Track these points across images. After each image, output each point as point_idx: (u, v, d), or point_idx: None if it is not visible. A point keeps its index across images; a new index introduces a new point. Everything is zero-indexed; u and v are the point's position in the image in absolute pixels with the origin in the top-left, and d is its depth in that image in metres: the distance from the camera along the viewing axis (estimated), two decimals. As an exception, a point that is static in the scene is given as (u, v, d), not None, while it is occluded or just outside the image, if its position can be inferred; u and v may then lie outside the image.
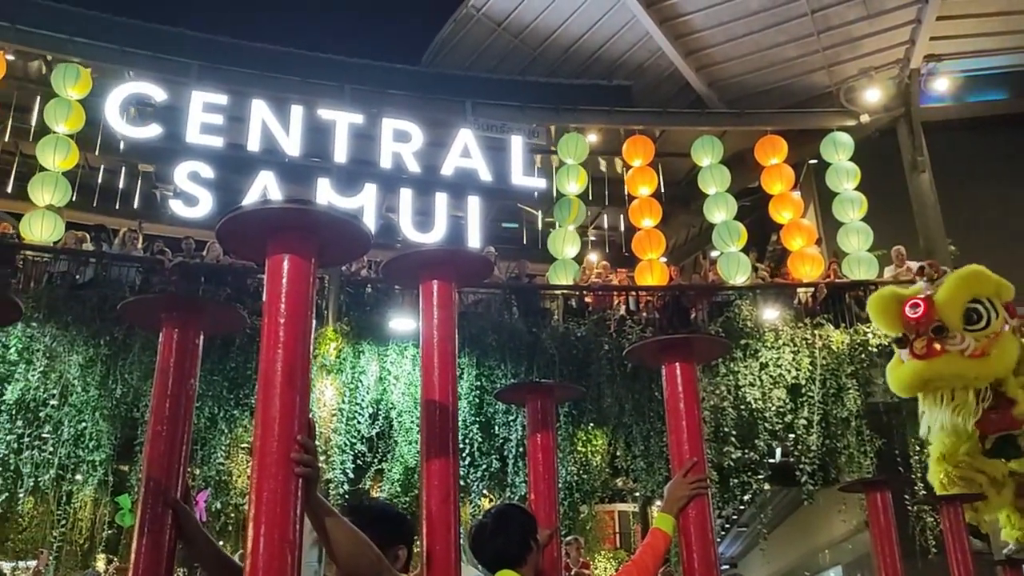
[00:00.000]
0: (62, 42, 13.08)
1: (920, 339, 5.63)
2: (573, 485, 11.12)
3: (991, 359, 5.54)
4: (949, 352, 5.56)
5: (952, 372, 5.59)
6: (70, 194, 12.74)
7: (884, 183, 14.83)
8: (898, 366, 6.06)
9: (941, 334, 5.59)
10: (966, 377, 5.59)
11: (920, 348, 5.61)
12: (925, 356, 5.61)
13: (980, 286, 5.74)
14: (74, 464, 10.16)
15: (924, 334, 5.64)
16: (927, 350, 5.58)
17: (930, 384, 5.76)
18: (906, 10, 14.63)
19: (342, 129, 13.68)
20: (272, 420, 1.66)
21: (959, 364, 5.55)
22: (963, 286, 5.78)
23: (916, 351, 5.65)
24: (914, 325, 5.75)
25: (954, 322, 5.64)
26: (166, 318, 2.19)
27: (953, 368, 5.57)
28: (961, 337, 5.56)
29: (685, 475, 2.56)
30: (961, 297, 5.71)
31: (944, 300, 5.71)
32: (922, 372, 5.70)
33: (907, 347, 5.78)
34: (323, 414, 10.67)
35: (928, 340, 5.57)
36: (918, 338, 5.67)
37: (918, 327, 5.71)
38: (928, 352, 5.58)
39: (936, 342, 5.57)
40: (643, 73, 16.65)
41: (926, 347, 5.58)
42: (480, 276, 2.59)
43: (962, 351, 5.54)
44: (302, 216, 1.75)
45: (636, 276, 14.25)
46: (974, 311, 5.65)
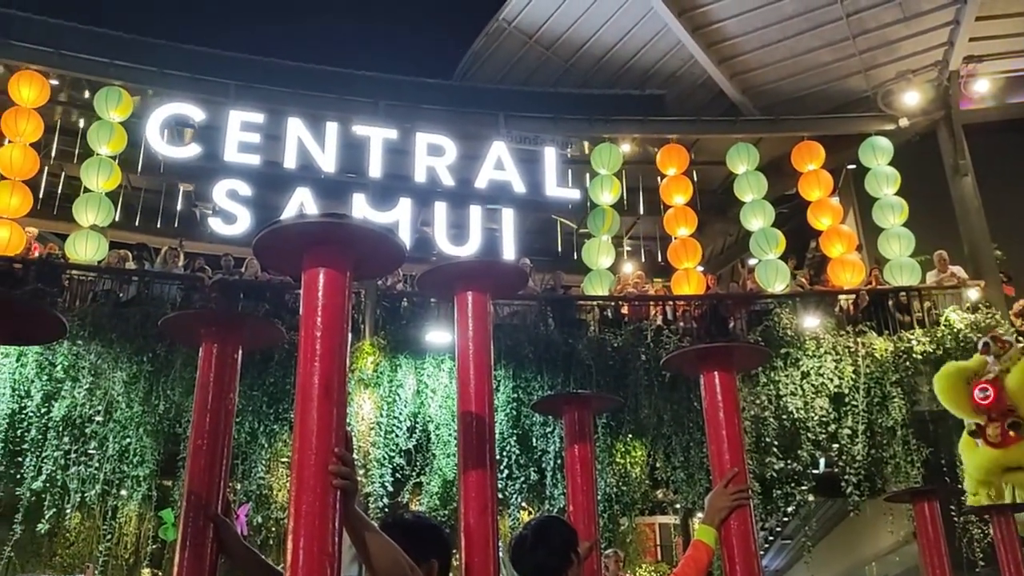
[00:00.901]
0: (104, 66, 13.41)
1: (993, 425, 5.49)
2: (612, 497, 11.02)
3: None
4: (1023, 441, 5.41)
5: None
6: (113, 214, 13.04)
7: (925, 187, 14.55)
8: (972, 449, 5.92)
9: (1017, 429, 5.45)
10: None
11: (994, 437, 5.48)
12: (1000, 445, 5.47)
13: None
14: (119, 479, 10.33)
15: (996, 420, 5.50)
16: (1002, 438, 5.44)
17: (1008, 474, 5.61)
18: (944, 11, 14.37)
19: (376, 144, 13.81)
20: (310, 433, 1.67)
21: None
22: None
23: (990, 439, 5.51)
24: (985, 410, 5.61)
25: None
26: (206, 334, 2.22)
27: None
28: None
29: (726, 486, 2.52)
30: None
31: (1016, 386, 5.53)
32: (1000, 460, 5.57)
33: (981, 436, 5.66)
34: (361, 428, 10.72)
35: (1002, 427, 5.43)
36: (990, 423, 5.52)
37: (989, 412, 5.56)
38: (1004, 441, 5.44)
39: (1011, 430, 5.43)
40: (676, 82, 16.57)
41: (1000, 435, 5.44)
42: (514, 287, 2.59)
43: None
44: (337, 230, 1.77)
45: (672, 286, 14.15)
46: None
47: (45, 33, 13.62)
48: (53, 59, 13.20)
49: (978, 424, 5.61)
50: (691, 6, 14.76)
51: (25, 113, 12.79)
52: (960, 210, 14.37)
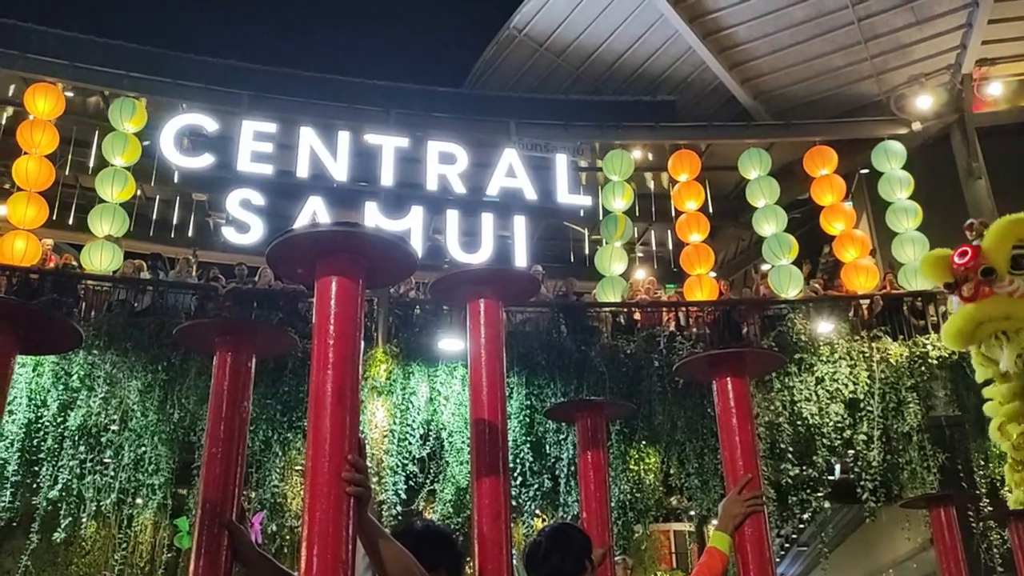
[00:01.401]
0: (118, 77, 13.54)
1: (968, 283, 5.67)
2: (627, 504, 10.98)
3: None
4: (997, 293, 5.59)
5: (1002, 312, 5.63)
6: (128, 224, 13.14)
7: (939, 191, 14.46)
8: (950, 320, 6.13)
9: (989, 276, 5.62)
10: (1017, 317, 5.59)
11: (968, 291, 5.67)
12: (973, 298, 5.66)
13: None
14: (134, 488, 10.38)
15: (972, 278, 5.69)
16: (975, 292, 5.63)
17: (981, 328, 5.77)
18: (956, 15, 14.32)
19: (388, 153, 13.87)
20: (323, 440, 1.68)
21: (1008, 304, 5.60)
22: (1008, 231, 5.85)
23: (964, 295, 5.70)
24: (963, 271, 5.81)
25: (1001, 265, 5.67)
26: (219, 342, 2.24)
27: (1003, 308, 5.62)
28: (1010, 280, 5.59)
29: (740, 492, 2.52)
30: (1007, 241, 5.76)
31: (990, 245, 5.76)
32: (973, 314, 5.75)
33: (956, 292, 5.85)
34: (375, 435, 10.74)
35: (976, 283, 5.63)
36: (966, 282, 5.71)
37: (967, 272, 5.77)
38: (976, 294, 5.65)
39: (984, 284, 5.61)
40: (687, 87, 16.57)
41: (974, 289, 5.63)
42: (526, 294, 2.60)
43: (1011, 293, 5.55)
44: (349, 238, 1.78)
45: (685, 291, 14.11)
46: (1021, 256, 5.66)
47: (60, 46, 13.77)
48: (68, 71, 13.35)
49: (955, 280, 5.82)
50: (701, 12, 14.77)
51: (41, 125, 12.93)
52: (974, 213, 14.24)
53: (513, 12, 16.03)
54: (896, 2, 14.17)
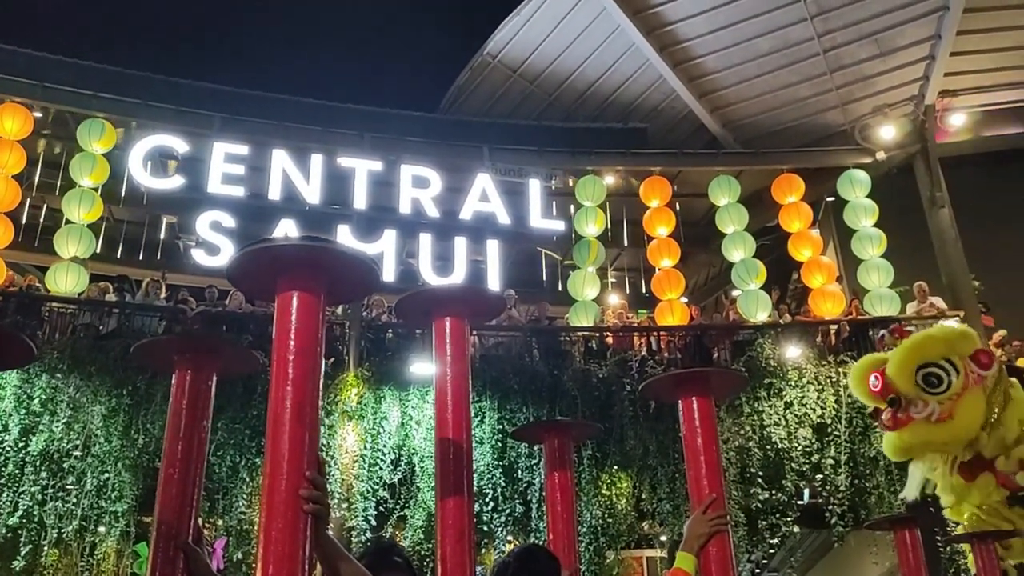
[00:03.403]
0: (87, 98, 13.42)
1: (886, 411, 5.58)
2: (598, 529, 10.93)
3: (955, 422, 5.42)
4: (915, 420, 5.46)
5: (920, 440, 5.50)
6: (94, 246, 12.96)
7: (903, 219, 14.74)
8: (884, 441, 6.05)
9: (896, 406, 5.50)
10: (934, 443, 5.48)
11: (887, 420, 5.57)
12: (893, 427, 5.57)
13: (928, 350, 5.60)
14: (97, 515, 10.14)
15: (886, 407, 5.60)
16: (893, 421, 5.52)
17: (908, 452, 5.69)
18: (919, 47, 14.68)
19: (361, 176, 13.85)
20: (281, 457, 1.66)
21: (925, 431, 5.45)
22: (910, 354, 5.68)
23: (885, 422, 5.61)
24: (878, 397, 5.72)
25: (909, 389, 5.53)
26: (179, 360, 2.21)
27: (920, 436, 5.48)
28: (924, 403, 5.44)
29: (705, 511, 2.51)
30: (909, 364, 5.58)
31: (893, 372, 5.62)
32: (895, 442, 5.67)
33: (877, 419, 5.76)
34: (345, 460, 10.62)
35: (892, 412, 5.51)
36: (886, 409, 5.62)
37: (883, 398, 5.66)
38: (894, 423, 5.52)
39: (898, 412, 5.49)
40: (658, 115, 16.78)
41: (892, 418, 5.52)
42: (492, 313, 2.60)
43: (927, 417, 5.42)
44: (309, 253, 1.77)
45: (657, 316, 14.19)
46: (931, 375, 5.51)
47: (29, 66, 13.64)
48: (37, 91, 13.21)
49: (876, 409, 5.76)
50: (671, 42, 15.01)
51: (8, 145, 12.76)
52: (938, 242, 14.56)
53: (487, 38, 16.18)
54: (860, 34, 14.49)
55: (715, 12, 14.37)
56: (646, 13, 14.55)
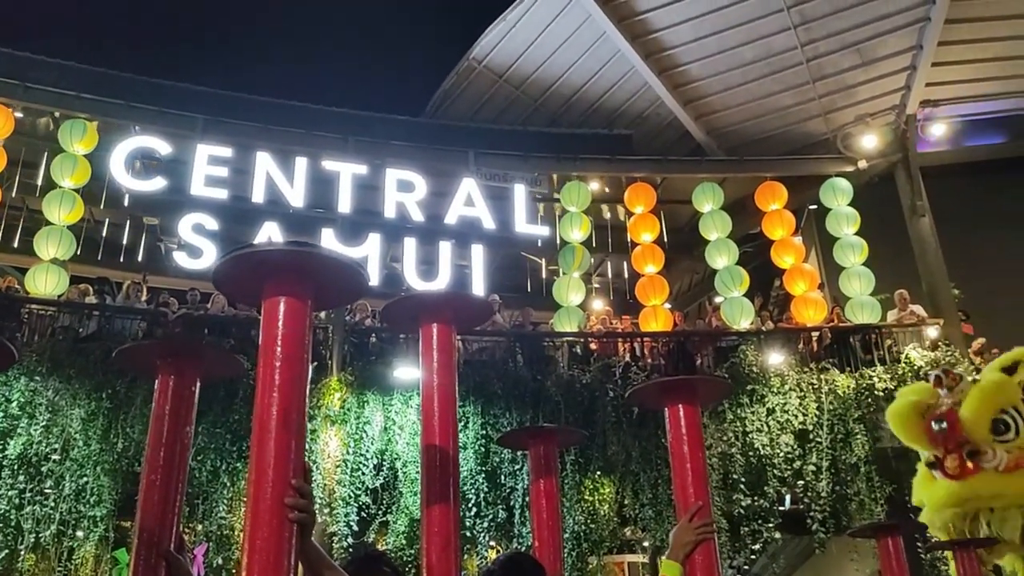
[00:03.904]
0: (69, 99, 13.30)
1: (951, 456, 5.36)
2: (581, 535, 10.93)
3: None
4: (984, 469, 5.28)
5: (990, 492, 5.27)
6: (75, 248, 12.83)
7: (884, 228, 14.87)
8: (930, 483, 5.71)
9: (975, 457, 5.31)
10: (1005, 495, 5.27)
11: (953, 468, 5.32)
12: (959, 477, 5.33)
13: (1006, 395, 5.45)
14: (75, 520, 10.03)
15: (954, 451, 5.36)
16: (961, 470, 5.30)
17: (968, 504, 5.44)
18: (901, 57, 14.83)
19: (346, 180, 13.80)
20: (266, 464, 1.64)
21: (995, 482, 5.23)
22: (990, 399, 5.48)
23: (949, 472, 5.36)
24: (942, 442, 5.46)
25: (983, 437, 5.36)
26: (161, 364, 2.18)
27: (991, 487, 5.25)
28: (992, 452, 5.28)
29: (690, 519, 2.51)
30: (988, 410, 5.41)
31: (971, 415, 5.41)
32: (960, 493, 5.36)
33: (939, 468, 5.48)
34: (327, 465, 10.56)
35: (960, 460, 5.30)
36: (948, 455, 5.39)
37: (946, 444, 5.42)
38: (962, 472, 5.30)
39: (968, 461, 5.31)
40: (643, 122, 16.84)
41: (959, 467, 5.30)
42: (479, 320, 2.59)
43: (996, 467, 5.26)
44: (296, 258, 1.75)
45: (640, 322, 14.22)
46: (1001, 422, 5.38)
47: (11, 65, 13.49)
48: (18, 91, 13.07)
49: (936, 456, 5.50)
50: (657, 49, 15.07)
51: (-12, 146, 12.61)
52: (918, 250, 14.70)
53: (473, 43, 16.18)
54: (843, 44, 14.62)
55: (700, 20, 14.45)
56: (631, 20, 14.61)
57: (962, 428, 5.37)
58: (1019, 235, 14.82)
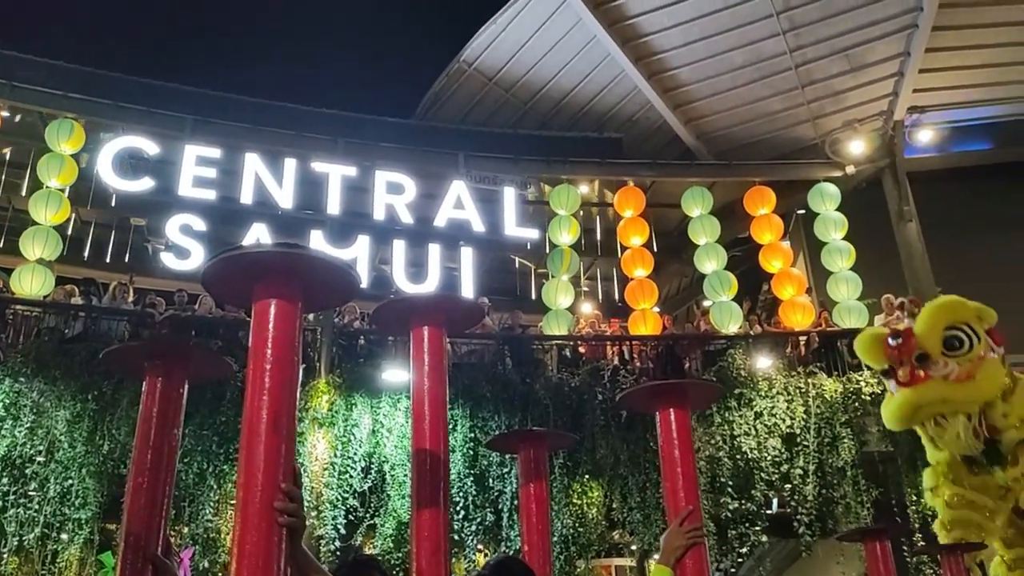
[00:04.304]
0: (57, 98, 13.21)
1: (903, 368, 5.64)
2: (569, 539, 10.91)
3: (977, 382, 5.53)
4: (933, 378, 5.57)
5: (938, 396, 5.55)
6: (61, 248, 12.74)
7: (872, 232, 14.95)
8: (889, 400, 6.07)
9: (924, 362, 5.60)
10: (953, 401, 5.57)
11: (904, 376, 5.61)
12: (910, 383, 5.62)
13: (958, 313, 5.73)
14: (60, 522, 9.93)
15: (907, 363, 5.65)
16: (911, 377, 5.58)
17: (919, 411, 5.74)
18: (889, 63, 14.92)
19: (335, 181, 13.76)
20: (256, 468, 1.62)
21: (944, 388, 5.52)
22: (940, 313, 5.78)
23: (900, 380, 5.66)
24: (896, 355, 5.77)
25: (935, 349, 5.65)
26: (149, 366, 2.16)
27: (939, 392, 5.55)
28: (944, 363, 5.55)
29: (681, 524, 2.51)
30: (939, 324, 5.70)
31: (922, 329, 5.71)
32: (910, 399, 5.69)
33: (892, 377, 5.80)
34: (315, 468, 10.50)
35: (911, 368, 5.58)
36: (901, 367, 5.68)
37: (900, 357, 5.72)
38: (912, 379, 5.58)
39: (919, 369, 5.58)
40: (633, 126, 16.87)
41: (910, 375, 5.59)
42: (470, 322, 2.58)
43: (946, 376, 5.53)
44: (287, 260, 1.74)
45: (629, 326, 14.23)
46: (954, 337, 5.63)
47: (-3, 64, 13.41)
48: (5, 90, 12.99)
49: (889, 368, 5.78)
50: (647, 53, 15.11)
51: (-27, 144, 12.52)
52: (905, 255, 14.79)
53: (463, 46, 16.17)
54: (831, 50, 14.70)
55: (690, 25, 14.50)
56: (622, 24, 14.64)
57: (916, 341, 5.65)
58: (1005, 241, 14.93)
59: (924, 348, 5.68)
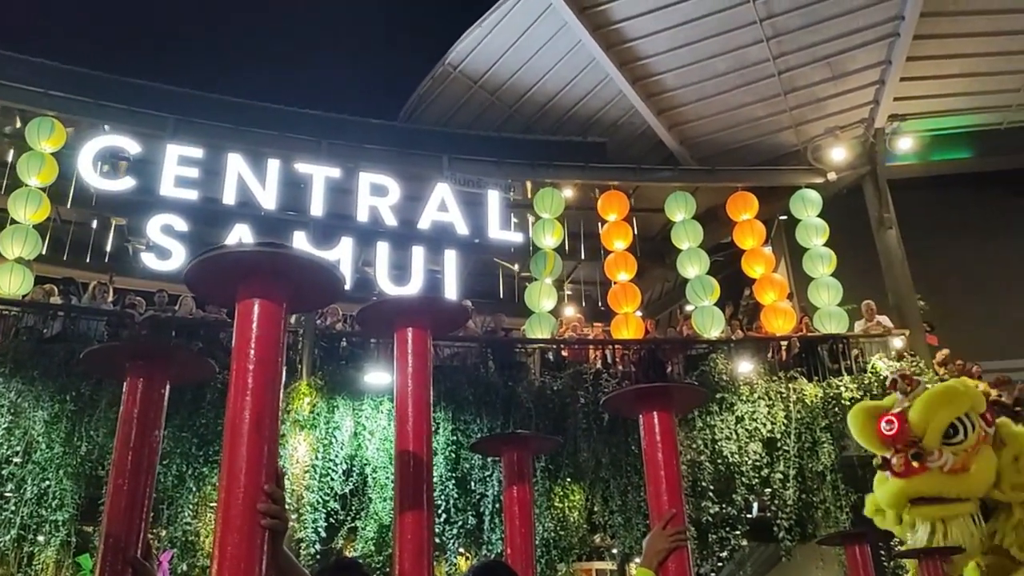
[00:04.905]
0: (38, 96, 13.07)
1: (898, 456, 5.54)
2: (550, 542, 10.92)
3: (971, 474, 5.42)
4: (929, 469, 5.44)
5: (933, 491, 5.44)
6: (40, 247, 12.60)
7: (852, 239, 15.08)
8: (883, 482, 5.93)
9: (919, 457, 5.47)
10: (948, 494, 5.45)
11: (899, 466, 5.51)
12: (904, 475, 5.51)
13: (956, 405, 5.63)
14: (36, 524, 9.82)
15: (901, 451, 5.54)
16: (905, 468, 5.47)
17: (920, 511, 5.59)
18: (870, 71, 15.06)
19: (319, 183, 13.70)
20: (238, 469, 1.60)
21: (940, 481, 5.40)
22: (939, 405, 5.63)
23: (895, 470, 5.55)
24: (891, 442, 5.65)
25: (932, 439, 5.53)
26: (131, 367, 2.14)
27: (934, 486, 5.42)
28: (939, 453, 5.45)
29: (664, 527, 2.51)
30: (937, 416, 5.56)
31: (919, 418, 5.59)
32: (905, 490, 5.55)
33: (888, 468, 5.68)
34: (295, 471, 10.45)
35: (906, 459, 5.48)
36: (896, 454, 5.57)
37: (895, 444, 5.61)
38: (907, 471, 5.47)
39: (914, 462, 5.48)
40: (617, 130, 16.92)
41: (904, 465, 5.48)
42: (455, 324, 2.57)
43: (941, 467, 5.42)
44: (272, 260, 1.72)
45: (612, 330, 14.27)
46: (952, 427, 5.54)
47: (-24, 61, 13.25)
48: (-16, 88, 12.83)
49: (884, 457, 5.71)
50: (631, 58, 15.16)
51: (-48, 141, 12.36)
52: (885, 262, 14.93)
53: (449, 48, 16.16)
54: (814, 57, 14.82)
55: (675, 31, 14.57)
56: (607, 29, 14.69)
57: (910, 429, 5.58)
58: (984, 249, 15.11)
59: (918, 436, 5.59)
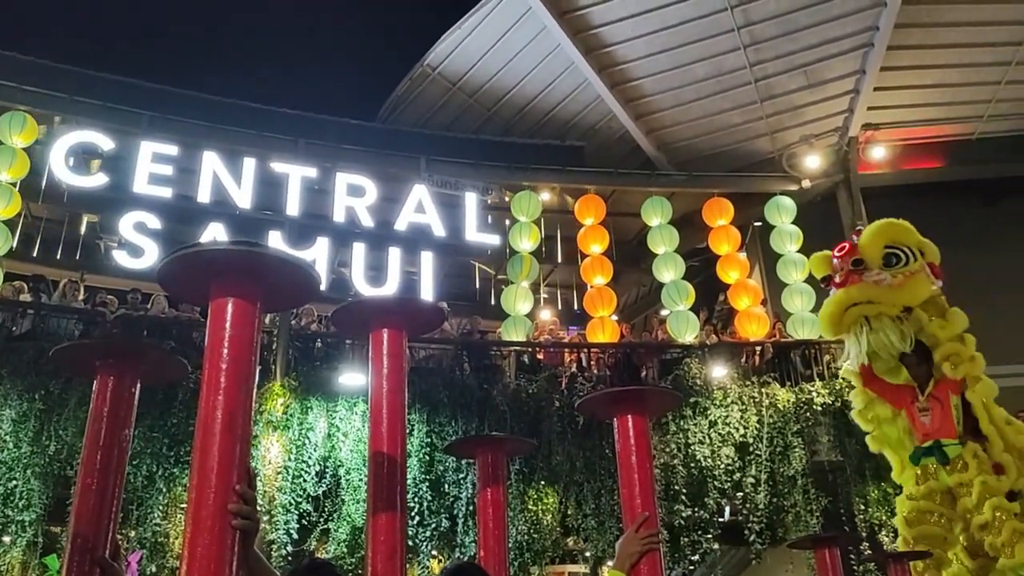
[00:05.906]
0: (9, 90, 12.87)
1: (840, 272, 6.20)
2: (524, 544, 10.92)
3: (904, 289, 6.05)
4: (865, 281, 6.10)
5: (865, 296, 6.09)
6: (10, 243, 12.41)
7: (826, 246, 15.03)
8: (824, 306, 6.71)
9: (858, 266, 6.15)
10: (879, 301, 6.07)
11: (839, 278, 6.19)
12: (843, 285, 6.18)
13: (901, 234, 6.38)
14: (2, 524, 9.67)
15: (844, 268, 6.20)
16: (845, 278, 6.14)
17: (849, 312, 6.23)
18: (845, 80, 15.25)
19: (295, 182, 13.61)
20: (209, 469, 1.59)
21: (873, 290, 6.10)
22: (885, 230, 6.44)
23: (836, 282, 6.24)
24: (838, 263, 6.36)
25: (873, 260, 6.20)
26: (101, 365, 2.11)
27: (868, 293, 6.11)
28: (878, 272, 6.10)
29: (637, 530, 2.52)
30: (880, 240, 6.30)
31: (865, 241, 6.31)
32: (840, 298, 6.27)
33: (831, 283, 6.38)
34: (268, 472, 10.37)
35: (847, 272, 6.14)
36: (839, 270, 6.24)
37: (841, 264, 6.31)
38: (846, 280, 6.15)
39: (854, 273, 6.13)
40: (595, 134, 16.99)
41: (844, 276, 6.15)
42: (431, 325, 2.57)
43: (876, 281, 6.05)
44: (246, 258, 1.71)
45: (588, 333, 14.31)
46: (893, 255, 6.22)
47: (-53, 54, 13.02)
48: (-46, 81, 12.61)
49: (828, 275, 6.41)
50: (610, 63, 15.23)
51: (-80, 135, 12.13)
52: (858, 269, 15.08)
53: (427, 50, 16.14)
54: (790, 65, 14.97)
55: (653, 37, 14.65)
56: (586, 34, 14.74)
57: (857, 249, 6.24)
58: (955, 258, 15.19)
59: (863, 256, 6.23)
